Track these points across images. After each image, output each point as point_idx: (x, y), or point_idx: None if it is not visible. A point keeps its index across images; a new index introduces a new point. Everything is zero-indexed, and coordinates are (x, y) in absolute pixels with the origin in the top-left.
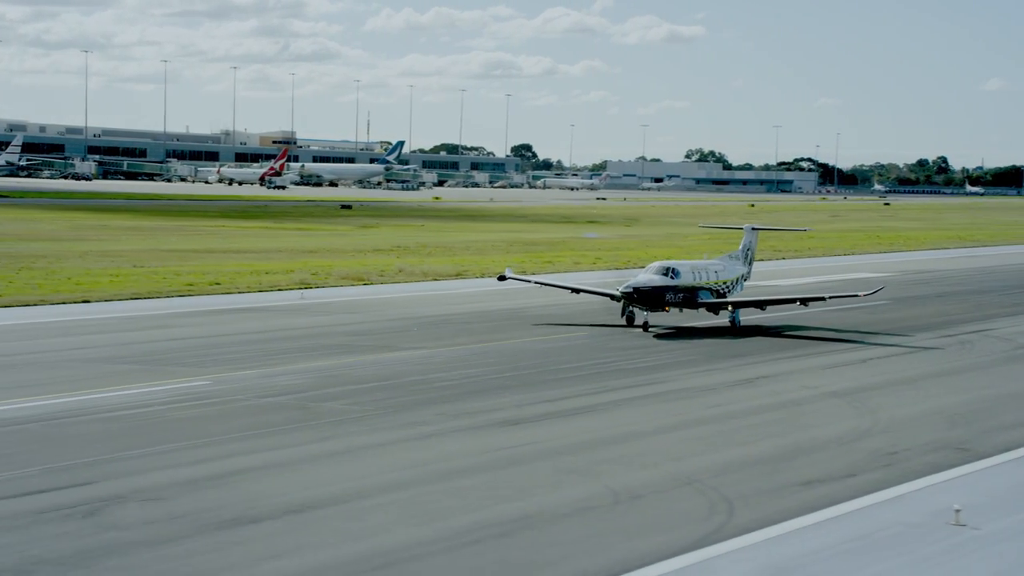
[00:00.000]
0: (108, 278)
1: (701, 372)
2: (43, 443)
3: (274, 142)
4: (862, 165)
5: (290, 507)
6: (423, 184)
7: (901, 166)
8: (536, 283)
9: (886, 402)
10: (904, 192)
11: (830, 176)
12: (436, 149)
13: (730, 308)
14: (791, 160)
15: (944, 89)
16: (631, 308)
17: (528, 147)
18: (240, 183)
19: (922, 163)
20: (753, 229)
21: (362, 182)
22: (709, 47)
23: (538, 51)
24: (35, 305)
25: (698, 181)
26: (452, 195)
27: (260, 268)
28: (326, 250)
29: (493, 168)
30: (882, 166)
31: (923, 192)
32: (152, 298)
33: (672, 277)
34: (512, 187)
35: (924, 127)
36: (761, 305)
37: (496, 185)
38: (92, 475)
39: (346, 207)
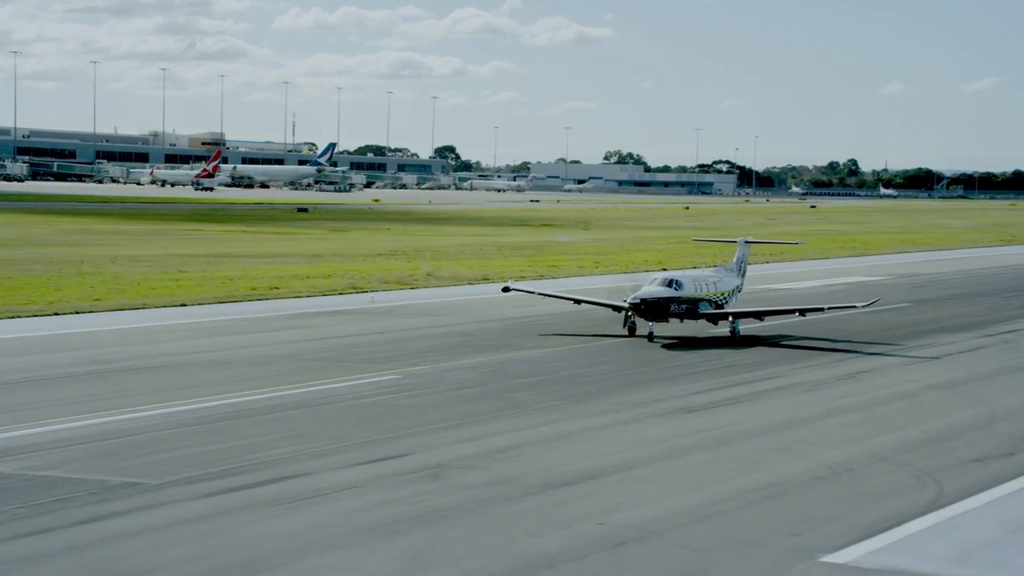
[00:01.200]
0: (170, 283)
1: (802, 368)
2: (332, 422)
3: (203, 143)
4: (774, 167)
5: (582, 475)
6: (353, 186)
7: (811, 168)
8: (540, 294)
9: (989, 393)
10: (820, 194)
11: (747, 178)
12: (362, 150)
13: (730, 319)
14: (710, 162)
15: (846, 92)
16: (632, 319)
17: (451, 148)
18: (173, 184)
19: (833, 166)
20: (747, 242)
21: (293, 184)
22: (618, 48)
23: (448, 51)
24: (138, 309)
25: (620, 183)
26: (390, 197)
27: (297, 273)
28: (332, 254)
29: (419, 170)
30: (793, 168)
31: (839, 195)
32: (234, 302)
33: (676, 289)
34: (439, 188)
35: (829, 130)
36: (760, 316)
37: (423, 187)
38: (404, 447)
39: (302, 210)
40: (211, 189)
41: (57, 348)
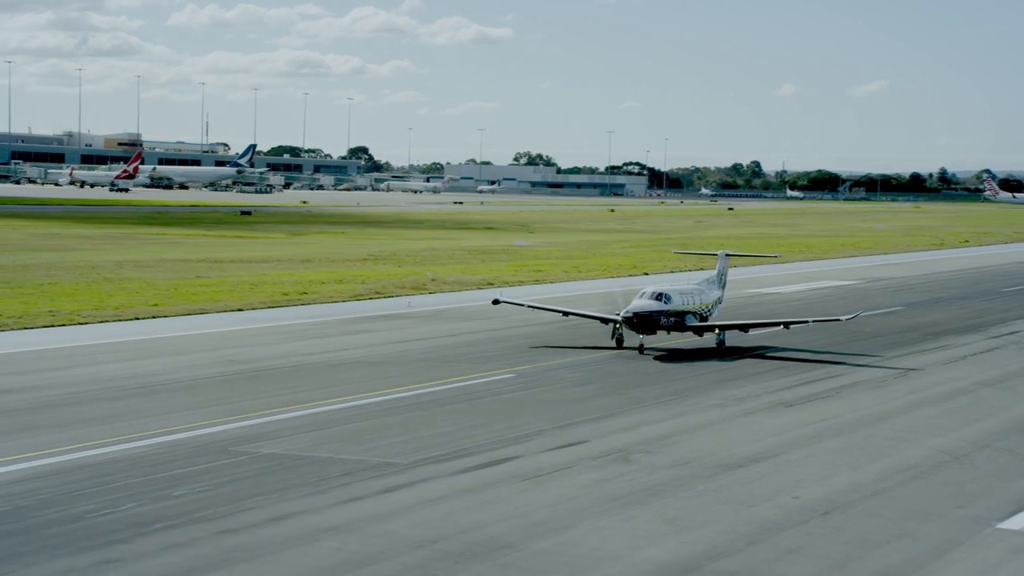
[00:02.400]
0: (204, 288)
1: (855, 368)
2: (497, 414)
3: (119, 144)
4: (678, 168)
5: (745, 458)
6: (271, 187)
7: (713, 169)
8: (530, 306)
9: None
10: (729, 196)
11: (657, 180)
12: (276, 151)
13: (717, 331)
14: (620, 164)
15: (743, 94)
16: (620, 331)
17: (364, 149)
18: (92, 185)
19: (737, 167)
20: (727, 255)
21: (213, 185)
22: (517, 49)
23: (346, 50)
24: (201, 314)
25: (533, 184)
26: (317, 199)
27: (310, 278)
28: (320, 259)
29: (335, 171)
30: (698, 169)
31: (747, 196)
32: (281, 307)
33: (665, 302)
34: (356, 190)
35: (728, 131)
36: (745, 328)
37: (340, 188)
38: (578, 435)
39: (246, 213)
40: (126, 191)
41: (185, 350)
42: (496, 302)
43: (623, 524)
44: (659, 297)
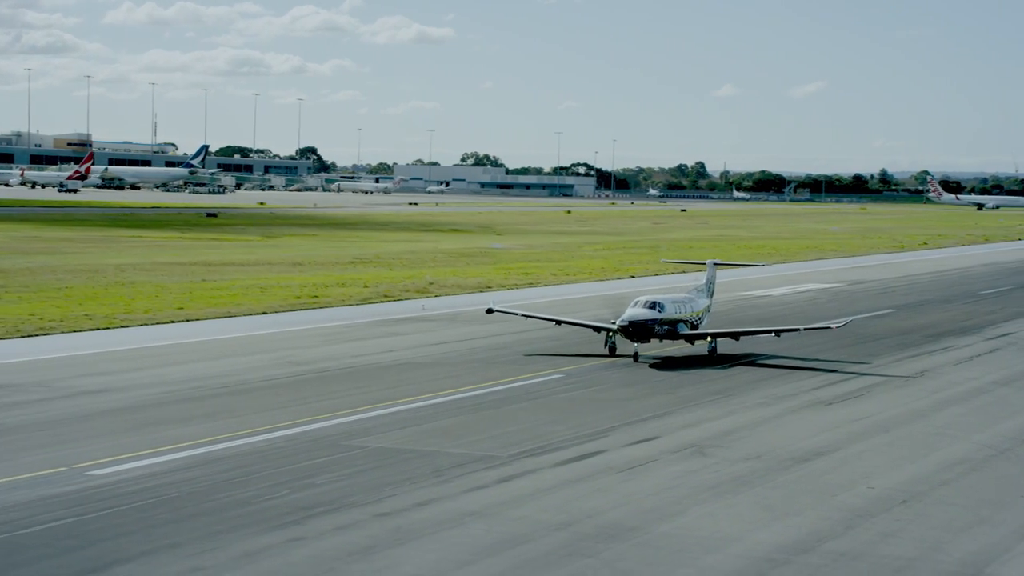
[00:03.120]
0: (217, 292)
1: (876, 367)
2: (562, 411)
3: (68, 144)
4: (623, 169)
5: (810, 452)
6: (223, 187)
7: (656, 169)
8: (523, 315)
9: None
10: (677, 197)
11: (605, 180)
12: (225, 151)
13: (709, 339)
14: (567, 165)
15: (683, 95)
16: (613, 339)
17: (313, 149)
18: (44, 186)
19: (682, 168)
20: (715, 264)
21: (165, 185)
22: (458, 48)
23: (287, 49)
24: (227, 318)
25: (482, 185)
26: (272, 200)
27: (310, 282)
28: (309, 263)
29: (285, 171)
30: (642, 170)
31: (696, 198)
32: (301, 310)
33: (659, 311)
34: (307, 190)
35: (670, 132)
36: (736, 336)
37: (291, 188)
38: (647, 431)
39: (211, 215)
40: (75, 191)
41: (241, 352)
42: (490, 311)
43: (727, 511)
44: (653, 306)
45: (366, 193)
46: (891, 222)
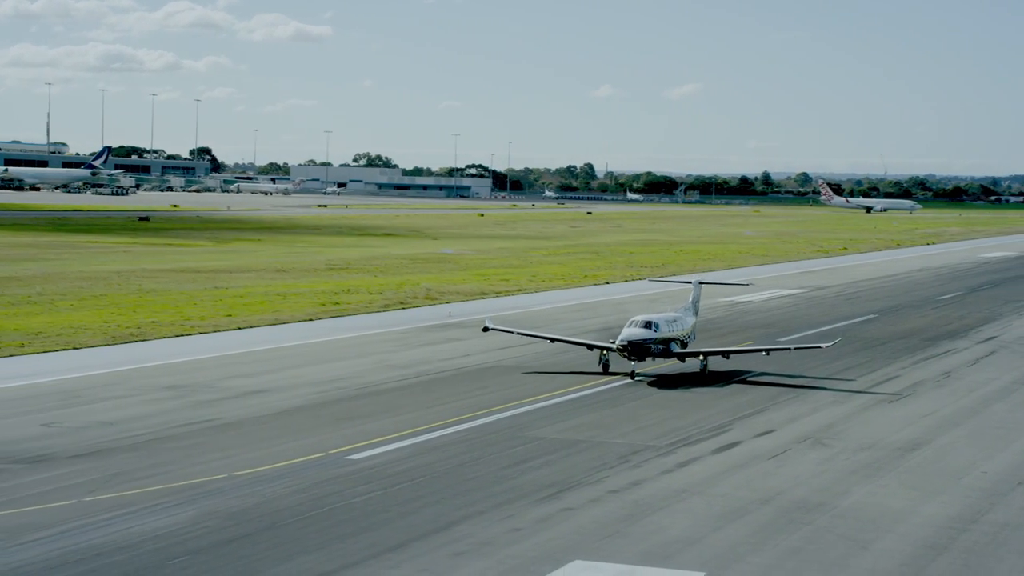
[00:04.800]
0: (233, 299)
1: (904, 372)
2: (667, 408)
3: None
4: (509, 169)
5: (912, 443)
6: (125, 188)
7: (543, 170)
8: (519, 334)
9: None
10: (572, 199)
11: (500, 182)
12: (118, 151)
13: (701, 357)
14: (463, 166)
15: (563, 95)
16: (607, 357)
17: (207, 150)
18: None
19: (571, 170)
20: (700, 283)
21: (65, 186)
22: (337, 47)
23: (160, 45)
24: (276, 324)
25: (379, 186)
26: (181, 201)
27: (314, 289)
28: (291, 270)
29: (182, 172)
30: (531, 171)
31: (590, 199)
32: (332, 317)
33: (654, 330)
34: (206, 191)
35: (551, 132)
36: (727, 354)
37: (190, 189)
38: (758, 426)
39: (144, 219)
40: None
41: (340, 357)
42: (486, 329)
43: (883, 489)
44: (648, 325)
45: (266, 194)
46: (796, 226)
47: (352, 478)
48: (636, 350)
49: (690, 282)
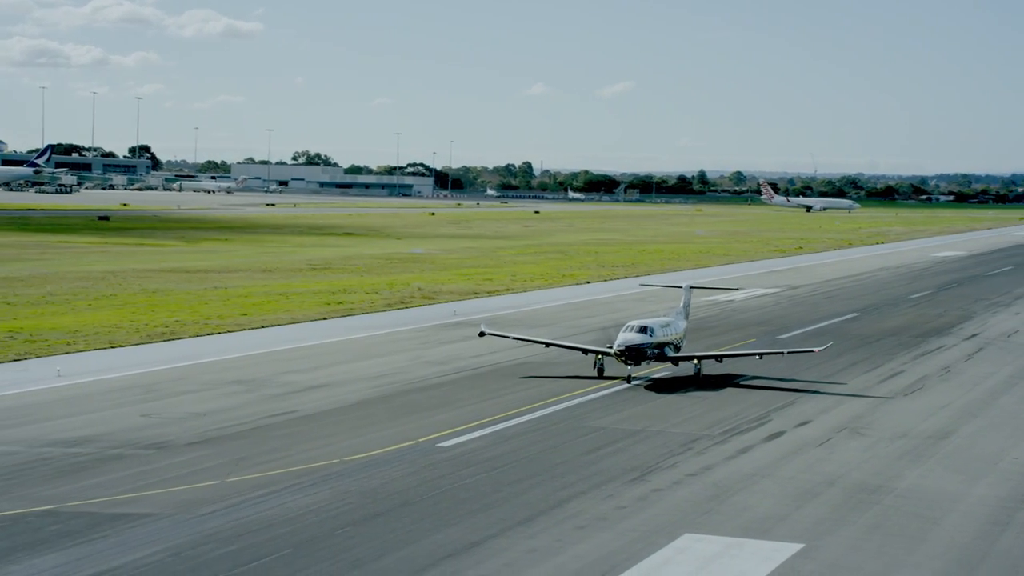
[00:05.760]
0: (239, 299)
1: (906, 367)
2: (700, 404)
3: None
4: (447, 167)
5: (940, 431)
6: (66, 186)
7: (480, 168)
8: (515, 339)
9: None
10: (514, 197)
11: (442, 181)
12: (60, 148)
13: (696, 361)
14: (404, 165)
15: (495, 93)
16: (602, 361)
17: (147, 148)
18: None
19: (510, 168)
20: (690, 288)
21: (7, 184)
22: (268, 44)
23: (88, 40)
24: (292, 324)
25: (321, 184)
26: (132, 200)
27: (311, 288)
28: (275, 269)
29: (123, 170)
30: (468, 169)
31: (532, 198)
32: (342, 317)
33: (649, 335)
34: (149, 189)
35: (485, 130)
36: (719, 358)
37: (132, 188)
38: (793, 418)
39: (104, 218)
40: None
41: (377, 354)
42: (482, 334)
43: (931, 473)
44: (644, 330)
45: (209, 193)
46: (742, 225)
47: (451, 463)
48: (633, 354)
49: (681, 286)
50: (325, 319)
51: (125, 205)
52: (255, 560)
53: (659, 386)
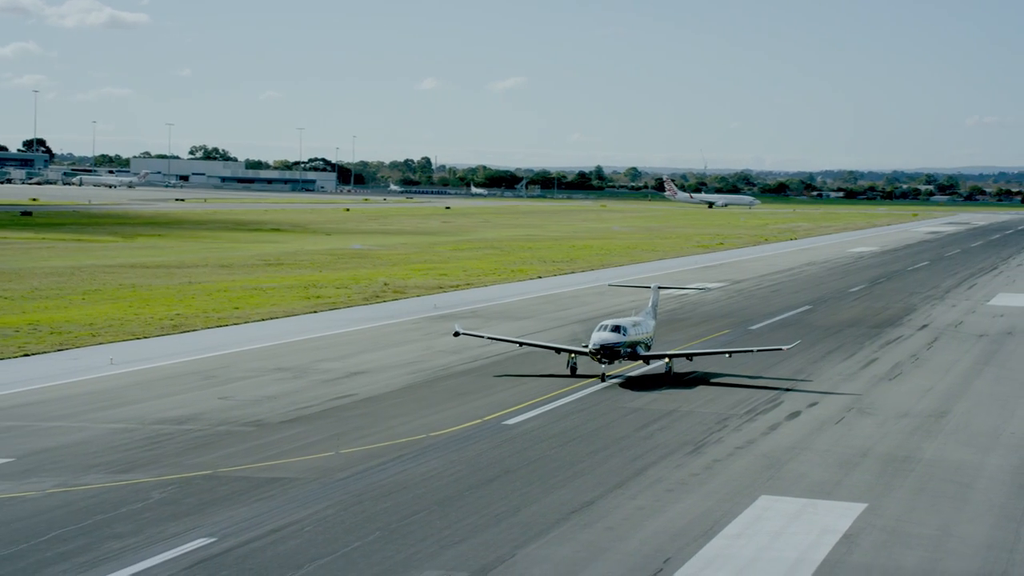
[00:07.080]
0: (218, 294)
1: (876, 354)
2: (725, 389)
3: None
4: (347, 162)
5: (935, 411)
6: None
7: (376, 163)
8: (489, 338)
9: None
10: (417, 192)
11: (344, 176)
12: None
13: (667, 360)
14: (307, 160)
15: (388, 88)
16: (575, 360)
17: (42, 141)
18: None
19: (409, 164)
20: (658, 288)
21: None
22: (154, 35)
23: None
24: (290, 317)
25: (223, 180)
26: (36, 195)
27: (285, 283)
28: (232, 266)
29: (19, 164)
30: (366, 164)
31: (436, 193)
32: (330, 310)
33: (622, 334)
34: (48, 183)
35: (381, 125)
36: (690, 356)
37: (31, 182)
38: (805, 400)
39: (27, 214)
40: None
41: (390, 344)
42: (456, 334)
43: (946, 446)
44: (616, 329)
45: (109, 187)
46: (653, 221)
47: (525, 438)
48: (608, 353)
49: (649, 287)
50: (316, 312)
51: (35, 200)
52: (413, 514)
53: (633, 383)
